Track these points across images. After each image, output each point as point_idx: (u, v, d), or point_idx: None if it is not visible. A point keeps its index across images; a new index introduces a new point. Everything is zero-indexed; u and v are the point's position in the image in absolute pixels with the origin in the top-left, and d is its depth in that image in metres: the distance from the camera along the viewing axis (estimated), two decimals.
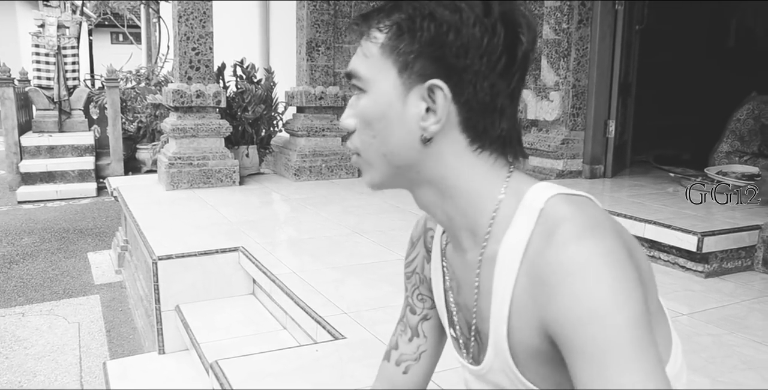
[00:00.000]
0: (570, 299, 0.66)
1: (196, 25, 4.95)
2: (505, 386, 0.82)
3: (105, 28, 18.92)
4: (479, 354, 0.87)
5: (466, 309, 0.88)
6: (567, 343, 0.68)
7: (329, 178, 5.42)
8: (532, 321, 0.73)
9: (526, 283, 0.74)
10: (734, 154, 4.82)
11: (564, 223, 0.71)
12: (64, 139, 8.71)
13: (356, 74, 0.81)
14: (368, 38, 0.80)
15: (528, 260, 0.73)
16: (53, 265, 5.14)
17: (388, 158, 0.80)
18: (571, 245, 0.68)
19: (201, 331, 2.89)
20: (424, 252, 1.01)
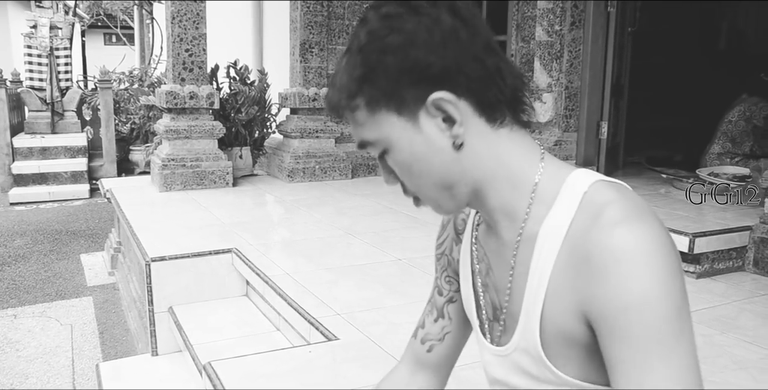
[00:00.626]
0: (619, 284, 0.66)
1: (190, 27, 4.95)
2: (528, 368, 0.83)
3: (98, 29, 18.85)
4: (504, 335, 0.88)
5: (495, 290, 0.88)
6: (608, 328, 0.68)
7: (322, 179, 5.42)
8: (570, 302, 0.74)
9: (567, 264, 0.74)
10: (725, 156, 4.85)
11: (609, 207, 0.71)
12: (56, 141, 8.68)
13: (368, 143, 0.82)
14: (351, 111, 0.80)
15: (570, 241, 0.74)
16: (46, 266, 5.12)
17: (441, 184, 0.81)
18: (619, 229, 0.68)
19: (194, 333, 2.89)
20: (454, 234, 1.02)
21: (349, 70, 0.79)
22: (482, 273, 0.91)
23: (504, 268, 0.85)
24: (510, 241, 0.83)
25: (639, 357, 0.65)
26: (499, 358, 0.88)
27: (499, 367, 0.89)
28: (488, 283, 0.90)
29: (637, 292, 0.65)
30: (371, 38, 0.77)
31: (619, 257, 0.67)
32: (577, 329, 0.75)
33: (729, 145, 4.87)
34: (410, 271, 2.99)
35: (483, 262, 0.91)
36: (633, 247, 0.67)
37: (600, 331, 0.70)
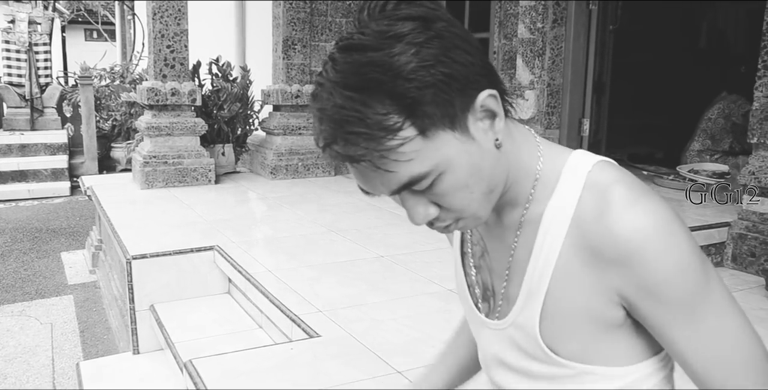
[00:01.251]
0: (653, 262, 0.70)
1: (171, 23, 4.91)
2: (522, 343, 0.84)
3: (79, 25, 18.65)
4: (498, 313, 0.88)
5: (489, 272, 0.89)
6: (652, 300, 0.72)
7: (305, 176, 5.40)
8: (590, 283, 0.75)
9: (580, 247, 0.75)
10: (705, 153, 4.90)
11: (616, 187, 0.73)
12: (36, 138, 8.58)
13: (420, 177, 0.70)
14: (391, 149, 0.68)
15: (579, 223, 0.75)
16: (25, 265, 5.07)
17: (487, 191, 0.76)
18: (635, 209, 0.71)
19: (176, 331, 2.87)
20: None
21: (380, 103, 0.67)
22: (476, 255, 0.92)
23: (503, 252, 0.85)
24: (512, 225, 0.83)
25: (688, 313, 0.71)
26: (495, 332, 0.88)
27: (495, 342, 0.89)
28: (482, 265, 0.91)
29: (671, 264, 0.70)
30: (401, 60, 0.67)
31: (645, 239, 0.70)
32: (601, 307, 0.76)
33: (708, 142, 4.92)
34: (392, 268, 2.99)
35: (478, 246, 0.91)
36: (654, 225, 0.70)
37: (640, 305, 0.73)
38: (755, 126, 3.19)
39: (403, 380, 1.95)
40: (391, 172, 0.69)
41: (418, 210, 0.75)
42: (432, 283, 2.76)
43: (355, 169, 0.72)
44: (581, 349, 0.79)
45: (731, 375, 0.73)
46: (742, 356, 0.73)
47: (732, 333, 0.73)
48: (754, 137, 3.21)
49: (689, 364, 0.74)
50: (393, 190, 0.73)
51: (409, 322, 2.37)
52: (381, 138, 0.67)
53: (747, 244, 3.11)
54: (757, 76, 3.23)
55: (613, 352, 0.79)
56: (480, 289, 0.92)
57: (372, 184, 0.73)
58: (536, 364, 0.83)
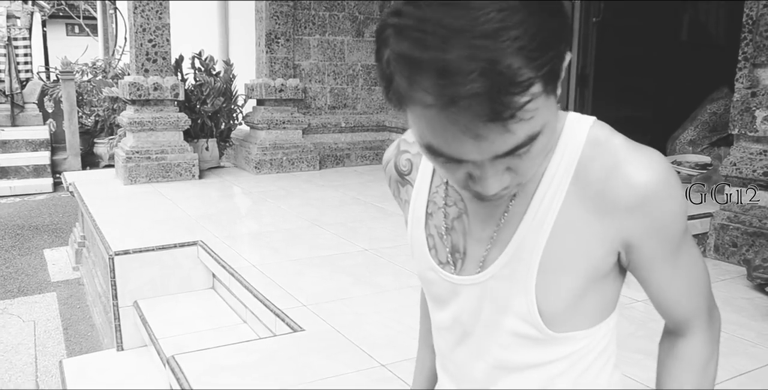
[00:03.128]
0: (661, 209, 0.76)
1: (153, 17, 4.86)
2: (500, 294, 0.83)
3: (60, 19, 18.44)
4: (467, 271, 0.86)
5: (464, 234, 0.86)
6: (655, 241, 0.79)
7: (290, 170, 5.38)
8: (590, 228, 0.78)
9: (582, 198, 0.77)
10: (696, 144, 4.92)
11: (615, 139, 0.78)
12: (17, 134, 8.49)
13: (534, 136, 0.66)
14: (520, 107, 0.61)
15: (583, 175, 0.77)
16: (7, 262, 5.01)
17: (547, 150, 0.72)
18: (639, 160, 0.76)
19: (160, 327, 2.85)
20: (397, 176, 0.97)
21: (516, 54, 0.59)
22: (449, 216, 0.88)
23: (490, 216, 0.83)
24: None
25: (676, 248, 0.81)
26: (471, 288, 0.86)
27: (467, 298, 0.86)
28: (455, 227, 0.87)
29: (677, 205, 0.78)
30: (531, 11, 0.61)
31: (659, 184, 0.75)
32: (599, 254, 0.79)
33: (706, 133, 4.95)
34: (377, 262, 2.99)
35: (453, 207, 0.87)
36: (663, 171, 0.76)
37: (645, 244, 0.79)
38: (736, 117, 3.22)
39: (388, 373, 1.95)
40: (510, 131, 0.63)
41: (496, 179, 0.69)
42: (416, 276, 2.75)
43: (462, 135, 0.64)
44: (555, 309, 0.81)
45: (696, 297, 0.85)
46: (703, 280, 0.85)
47: (696, 262, 0.84)
48: (735, 128, 3.23)
49: (666, 293, 0.84)
50: (499, 154, 0.66)
51: (393, 316, 2.37)
52: (515, 94, 0.60)
53: (729, 235, 3.14)
54: (738, 68, 3.25)
55: (573, 316, 0.82)
56: (448, 250, 0.88)
57: (480, 149, 0.65)
58: (510, 319, 0.83)
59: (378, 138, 5.97)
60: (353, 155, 5.82)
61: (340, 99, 5.83)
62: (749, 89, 3.18)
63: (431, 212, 0.91)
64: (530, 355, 0.85)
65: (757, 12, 3.13)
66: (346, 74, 5.81)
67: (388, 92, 0.66)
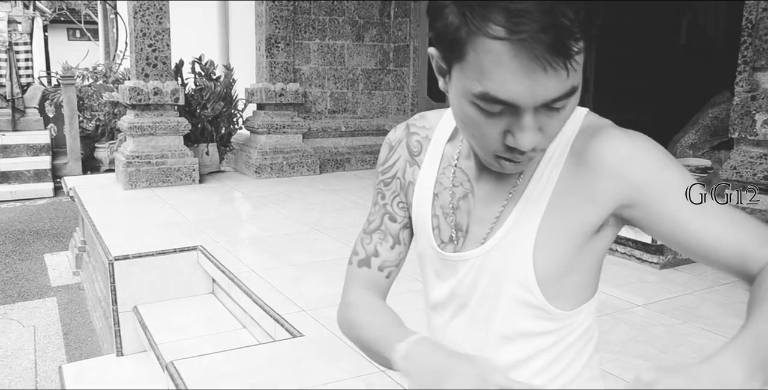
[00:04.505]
0: (646, 165, 0.80)
1: (153, 21, 4.86)
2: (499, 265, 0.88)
3: (61, 24, 18.48)
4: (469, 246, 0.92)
5: (468, 214, 0.92)
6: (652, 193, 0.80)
7: (290, 175, 5.38)
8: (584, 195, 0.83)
9: (575, 169, 0.83)
10: (697, 148, 4.91)
11: (607, 126, 0.84)
12: (18, 138, 8.50)
13: (575, 89, 0.74)
14: (577, 53, 0.70)
15: (577, 153, 0.83)
16: (8, 267, 5.01)
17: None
18: (634, 135, 0.82)
19: (159, 332, 2.85)
20: (408, 156, 1.01)
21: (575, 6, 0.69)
22: (455, 195, 0.94)
23: (496, 197, 0.89)
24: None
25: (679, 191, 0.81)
26: (468, 263, 0.91)
27: (466, 272, 0.91)
28: (461, 206, 0.93)
29: (662, 154, 0.81)
30: None
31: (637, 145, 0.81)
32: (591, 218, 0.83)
33: (707, 137, 4.94)
34: None
35: (461, 187, 0.93)
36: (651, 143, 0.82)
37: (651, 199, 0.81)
38: (736, 121, 3.21)
39: (386, 379, 1.94)
40: (566, 76, 0.71)
41: (534, 134, 0.75)
42: (416, 280, 2.74)
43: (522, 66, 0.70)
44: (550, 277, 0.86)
45: (745, 235, 0.80)
46: (740, 214, 0.82)
47: (723, 206, 0.82)
48: (735, 132, 3.23)
49: (703, 239, 0.80)
50: (549, 100, 0.72)
51: None
52: (574, 39, 0.69)
53: None
54: (738, 72, 3.25)
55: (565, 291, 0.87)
56: (451, 229, 0.94)
57: (539, 90, 0.71)
58: (509, 285, 0.88)
59: (378, 142, 5.97)
60: (353, 159, 5.82)
61: (340, 103, 5.83)
62: (749, 93, 3.17)
63: (437, 193, 0.96)
64: (523, 323, 0.89)
65: (757, 15, 3.13)
66: (346, 78, 5.81)
67: (446, 36, 0.73)
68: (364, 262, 1.07)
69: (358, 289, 1.06)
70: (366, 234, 1.07)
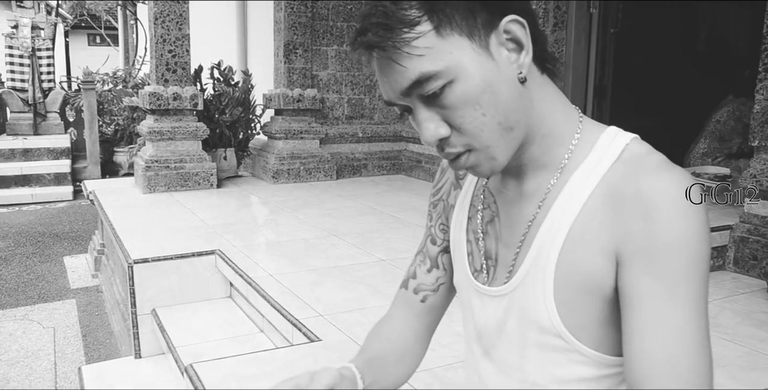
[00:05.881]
0: (667, 221, 0.70)
1: (173, 28, 4.92)
2: (524, 305, 0.82)
3: (82, 30, 18.74)
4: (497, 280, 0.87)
5: (496, 239, 0.88)
6: (644, 262, 0.71)
7: (307, 180, 5.41)
8: (601, 241, 0.75)
9: (602, 205, 0.75)
10: (709, 155, 4.89)
11: (652, 156, 0.76)
12: (39, 142, 8.61)
13: (429, 75, 0.72)
14: (404, 43, 0.72)
15: (607, 184, 0.76)
16: (28, 269, 5.08)
17: (504, 124, 0.76)
18: (669, 174, 0.72)
19: (177, 335, 2.87)
20: (454, 179, 1.00)
21: (400, 3, 0.72)
22: (484, 219, 0.90)
23: (518, 220, 0.84)
24: (536, 192, 0.82)
25: (667, 292, 0.70)
26: (495, 299, 0.86)
27: (493, 310, 0.87)
28: (489, 231, 0.89)
29: (684, 231, 0.70)
30: None
31: (672, 198, 0.71)
32: (603, 271, 0.75)
33: (716, 144, 4.91)
34: (393, 272, 2.99)
35: (488, 210, 0.90)
36: (682, 191, 0.71)
37: (632, 264, 0.72)
38: (756, 129, 3.19)
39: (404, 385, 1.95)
40: (402, 66, 0.73)
41: (429, 125, 0.76)
42: None
43: (377, 69, 0.77)
44: (580, 323, 0.78)
45: (668, 374, 0.69)
46: (689, 363, 0.69)
47: (693, 336, 0.70)
48: (755, 140, 3.21)
49: (636, 348, 0.71)
50: (403, 90, 0.75)
51: None
52: (398, 29, 0.72)
53: (749, 247, 3.11)
54: (758, 79, 3.23)
55: (605, 335, 0.78)
56: (482, 257, 0.89)
57: (388, 85, 0.76)
58: (534, 332, 0.81)
59: (395, 148, 5.99)
60: (370, 165, 5.84)
61: (358, 109, 5.85)
62: None
63: (471, 216, 0.93)
64: (562, 371, 0.81)
65: None
66: (363, 84, 5.84)
67: None
68: (404, 282, 1.07)
69: (393, 308, 1.07)
70: (414, 255, 1.07)
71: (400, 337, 1.02)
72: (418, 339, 1.04)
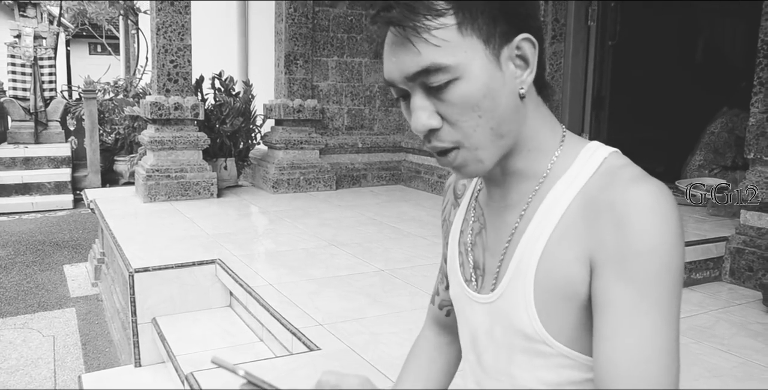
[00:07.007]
0: (639, 231, 0.71)
1: (175, 38, 4.97)
2: (510, 313, 0.84)
3: (83, 39, 18.82)
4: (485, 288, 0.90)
5: (483, 249, 0.91)
6: (616, 270, 0.72)
7: (307, 190, 5.44)
8: (577, 250, 0.77)
9: (579, 215, 0.78)
10: (705, 168, 4.93)
11: (629, 168, 0.78)
12: (40, 151, 8.65)
13: (439, 66, 0.75)
14: (426, 30, 0.74)
15: (585, 195, 0.78)
16: (28, 278, 5.09)
17: (497, 130, 0.79)
18: (643, 184, 0.74)
19: (177, 344, 2.89)
20: (453, 198, 1.04)
21: None
22: (474, 231, 0.94)
23: (502, 230, 0.87)
24: (519, 201, 0.86)
25: (635, 300, 0.71)
26: (484, 307, 0.89)
27: (483, 317, 0.90)
28: (477, 242, 0.93)
29: (654, 240, 0.71)
30: None
31: (643, 207, 0.72)
32: (579, 279, 0.77)
33: (711, 156, 4.95)
34: (392, 282, 3.02)
35: (477, 222, 0.94)
36: (656, 201, 0.72)
37: (603, 272, 0.74)
38: (752, 141, 3.23)
39: None
40: (417, 50, 0.75)
41: (422, 114, 0.78)
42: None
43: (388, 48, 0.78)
44: (563, 328, 0.80)
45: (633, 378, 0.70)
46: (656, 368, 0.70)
47: (660, 344, 0.70)
48: (750, 152, 3.24)
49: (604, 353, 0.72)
50: (410, 75, 0.77)
51: (408, 336, 2.39)
52: (424, 15, 0.74)
53: (745, 259, 3.14)
54: (753, 92, 3.27)
55: (589, 339, 0.79)
56: (471, 267, 0.93)
57: (396, 65, 0.78)
58: (520, 339, 0.83)
59: (394, 159, 6.02)
60: (369, 176, 5.87)
61: (357, 120, 5.90)
62: (765, 113, 3.19)
63: (463, 230, 0.97)
64: (549, 375, 0.82)
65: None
66: (363, 95, 5.88)
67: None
68: (432, 298, 1.16)
69: (426, 323, 1.17)
70: (438, 273, 1.15)
71: (431, 345, 1.14)
72: (450, 344, 1.13)
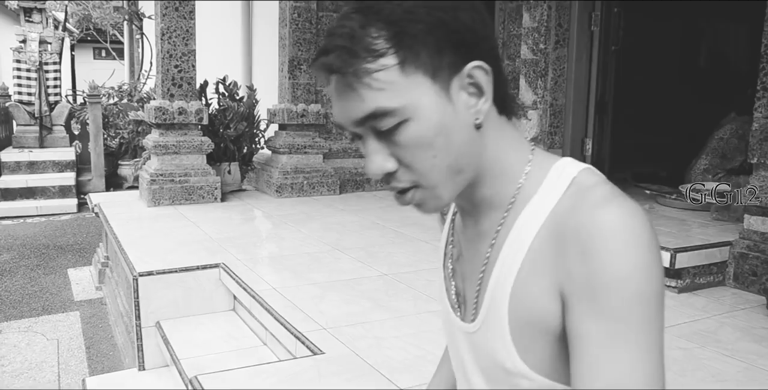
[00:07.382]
0: (606, 260, 0.67)
1: (179, 43, 4.99)
2: (490, 345, 0.81)
3: (88, 44, 18.87)
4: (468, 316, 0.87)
5: (462, 278, 0.88)
6: (586, 302, 0.68)
7: (310, 194, 5.45)
8: (548, 281, 0.73)
9: (548, 242, 0.73)
10: (710, 172, 4.92)
11: (597, 188, 0.73)
12: (44, 155, 8.68)
13: (385, 111, 0.71)
14: (365, 74, 0.70)
15: (553, 220, 0.73)
16: (32, 281, 5.11)
17: (454, 167, 0.75)
18: (610, 207, 0.69)
19: (181, 348, 2.89)
20: (440, 216, 1.01)
21: (375, 26, 0.70)
22: (453, 257, 0.91)
23: (477, 258, 0.84)
24: (489, 230, 0.82)
25: (610, 334, 0.66)
26: (467, 336, 0.86)
27: (467, 346, 0.87)
28: (457, 269, 0.90)
29: (623, 269, 0.66)
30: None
31: (609, 234, 0.67)
32: (551, 311, 0.73)
33: (718, 160, 4.94)
34: (396, 286, 3.02)
35: (456, 248, 0.91)
36: (623, 226, 0.68)
37: (574, 305, 0.70)
38: (755, 146, 3.23)
39: None
40: (360, 96, 0.71)
41: (377, 158, 0.75)
42: (435, 301, 2.78)
43: (334, 92, 0.75)
44: (543, 360, 0.77)
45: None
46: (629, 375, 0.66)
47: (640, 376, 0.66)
48: (754, 157, 3.24)
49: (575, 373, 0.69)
50: (357, 120, 0.73)
51: (412, 340, 2.40)
52: (363, 58, 0.70)
53: (749, 264, 3.13)
54: (756, 98, 3.28)
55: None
56: (454, 294, 0.90)
57: (342, 111, 0.75)
58: (501, 372, 0.80)
59: None
60: (373, 180, 5.88)
61: None
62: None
63: (446, 253, 0.94)
64: None
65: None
66: None
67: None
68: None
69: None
70: None
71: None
72: None
